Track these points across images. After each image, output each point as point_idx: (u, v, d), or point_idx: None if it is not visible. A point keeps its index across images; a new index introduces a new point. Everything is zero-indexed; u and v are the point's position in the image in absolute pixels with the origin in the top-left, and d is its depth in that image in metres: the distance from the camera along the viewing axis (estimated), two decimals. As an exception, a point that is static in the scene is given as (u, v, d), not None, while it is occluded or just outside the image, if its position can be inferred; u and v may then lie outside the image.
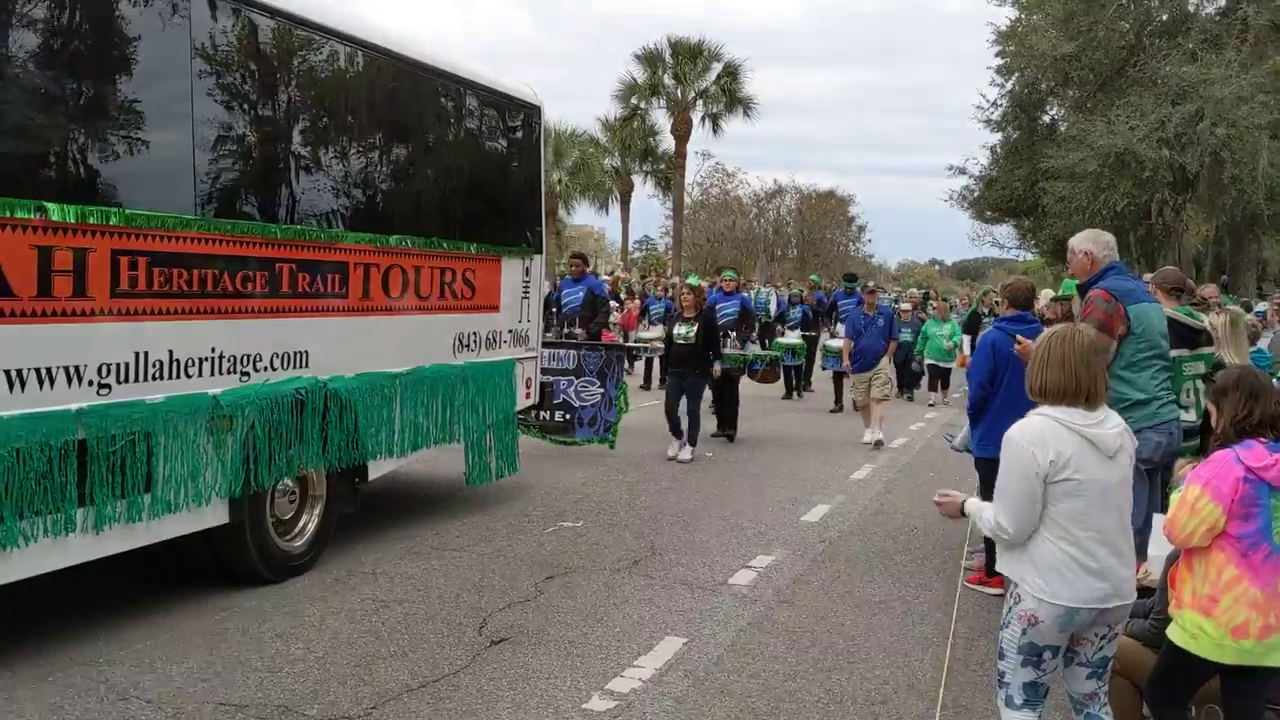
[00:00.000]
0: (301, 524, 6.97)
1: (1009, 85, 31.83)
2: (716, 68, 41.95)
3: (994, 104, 32.26)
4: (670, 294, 20.27)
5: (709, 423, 13.12)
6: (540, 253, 9.62)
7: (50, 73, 5.08)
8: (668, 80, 42.21)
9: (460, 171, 8.54)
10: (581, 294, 13.13)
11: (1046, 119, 33.18)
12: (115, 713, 4.71)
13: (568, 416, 11.11)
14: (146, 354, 5.52)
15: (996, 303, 11.96)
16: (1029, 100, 32.23)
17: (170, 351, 5.65)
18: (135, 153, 5.57)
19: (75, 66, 5.19)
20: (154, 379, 5.56)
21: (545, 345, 10.70)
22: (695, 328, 11.58)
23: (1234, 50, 25.35)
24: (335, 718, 4.74)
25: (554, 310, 13.16)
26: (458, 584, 6.80)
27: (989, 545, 7.23)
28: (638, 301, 23.57)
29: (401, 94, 7.78)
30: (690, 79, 41.75)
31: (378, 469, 7.47)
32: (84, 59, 5.25)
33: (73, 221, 5.04)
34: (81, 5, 5.19)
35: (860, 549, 8.18)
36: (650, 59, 41.94)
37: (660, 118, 44.23)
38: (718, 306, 13.69)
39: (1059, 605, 3.65)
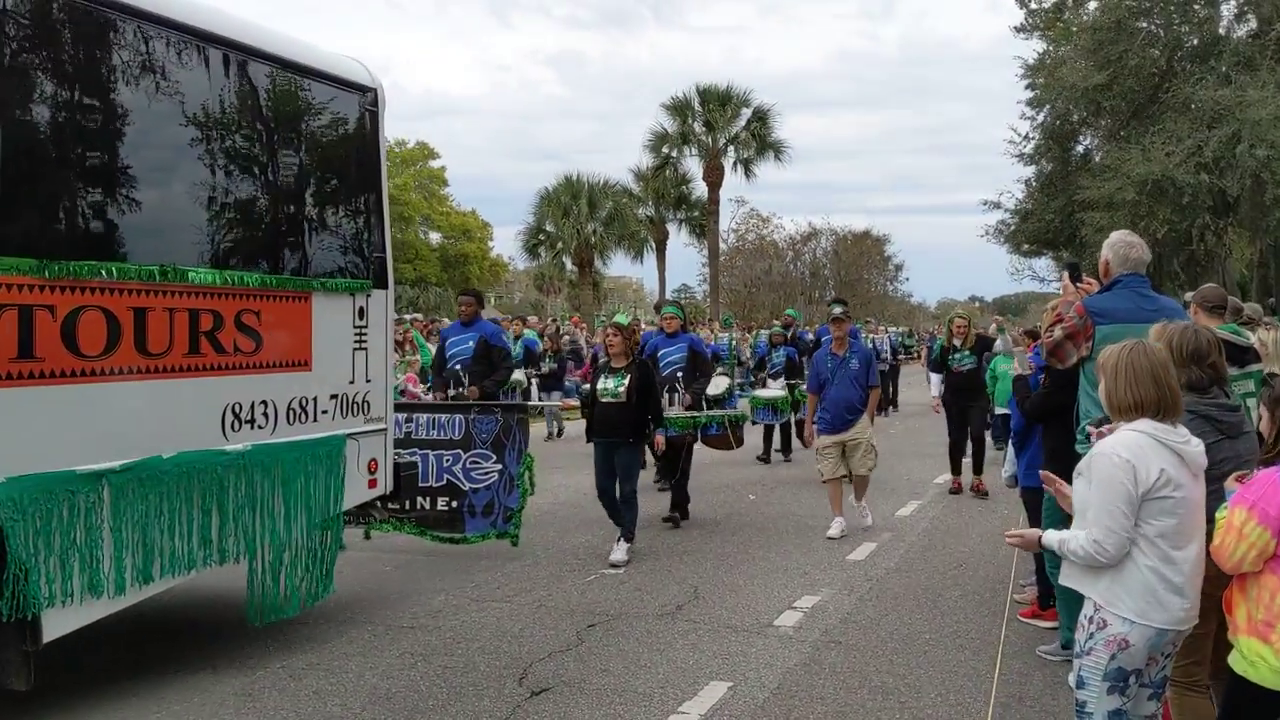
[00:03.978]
0: None
1: (1040, 118, 31.66)
2: (746, 113, 42.17)
3: (1026, 137, 32.05)
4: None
5: (654, 501, 10.86)
6: (384, 287, 7.15)
7: None
8: (698, 128, 42.45)
9: (230, 173, 6.05)
10: (472, 343, 10.33)
11: (1080, 149, 32.94)
12: (150, 775, 4.63)
13: (454, 503, 8.29)
14: None
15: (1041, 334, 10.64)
16: (1061, 132, 31.99)
17: None
18: None
19: None
20: None
21: (420, 409, 8.82)
22: (626, 380, 8.95)
23: (1268, 71, 25.06)
24: (372, 774, 4.65)
25: (436, 366, 10.81)
26: (497, 635, 6.68)
27: (1041, 578, 7.04)
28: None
29: (115, 53, 5.33)
30: (720, 125, 41.97)
31: (64, 622, 4.95)
32: None
33: None
34: None
35: (908, 586, 7.99)
36: (680, 108, 42.23)
37: (692, 165, 44.46)
38: (659, 353, 10.75)
39: (1151, 628, 3.57)
